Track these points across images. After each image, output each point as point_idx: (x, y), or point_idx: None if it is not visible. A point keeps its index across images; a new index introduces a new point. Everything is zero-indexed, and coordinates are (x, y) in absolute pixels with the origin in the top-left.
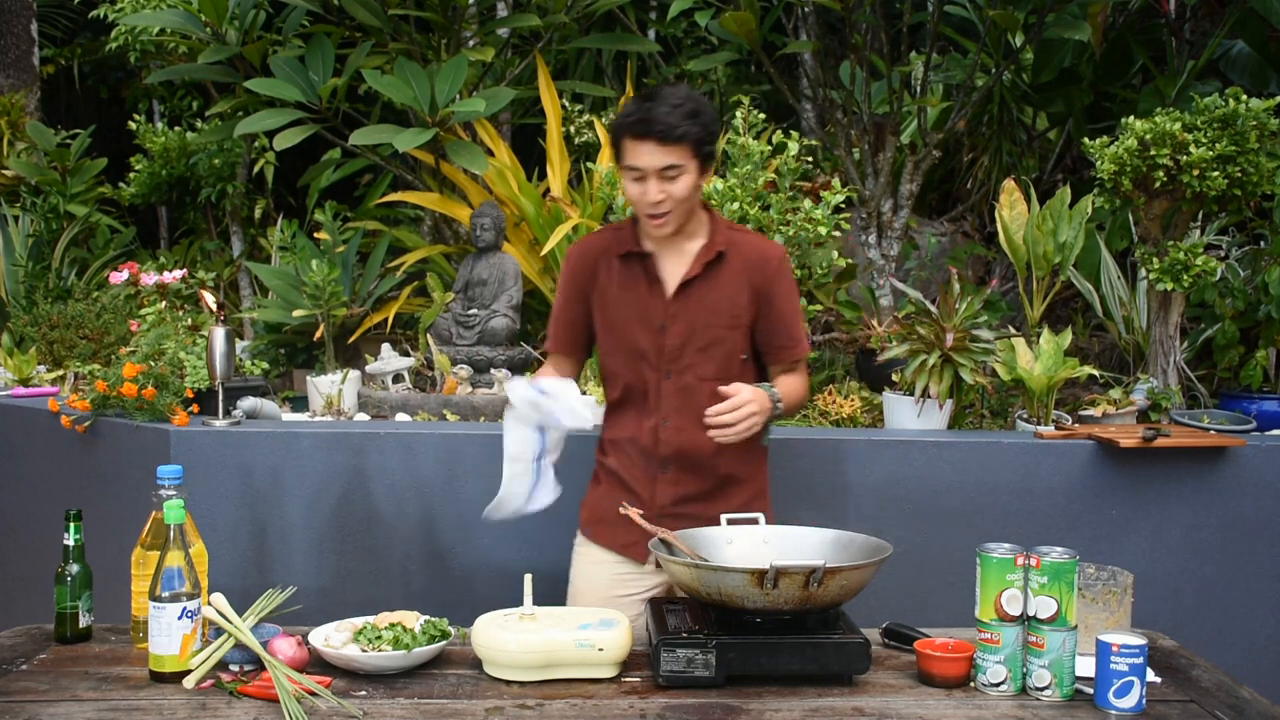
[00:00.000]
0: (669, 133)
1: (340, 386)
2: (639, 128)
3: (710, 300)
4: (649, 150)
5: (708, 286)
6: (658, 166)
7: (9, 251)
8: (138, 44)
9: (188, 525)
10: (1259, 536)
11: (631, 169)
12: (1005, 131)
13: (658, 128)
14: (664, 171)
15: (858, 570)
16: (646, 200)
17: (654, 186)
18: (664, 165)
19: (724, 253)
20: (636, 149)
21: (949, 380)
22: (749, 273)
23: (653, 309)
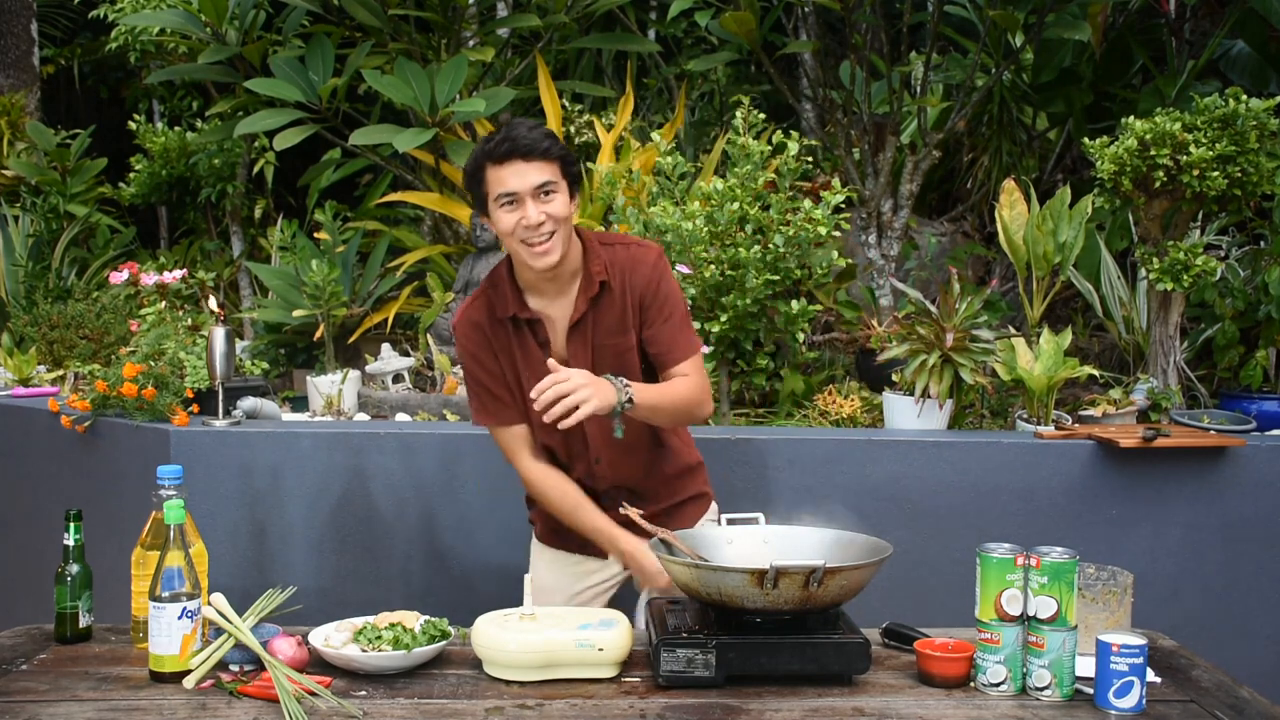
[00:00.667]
0: (534, 147)
1: (340, 386)
2: (503, 147)
3: (601, 327)
4: (518, 170)
5: (597, 316)
6: (532, 185)
7: (9, 251)
8: (138, 44)
9: (188, 525)
10: (1259, 536)
11: (504, 196)
12: (1005, 131)
13: (523, 144)
14: (539, 190)
15: (858, 570)
16: (526, 224)
17: (532, 207)
18: (538, 183)
19: (605, 282)
20: (504, 173)
21: (949, 380)
22: (630, 287)
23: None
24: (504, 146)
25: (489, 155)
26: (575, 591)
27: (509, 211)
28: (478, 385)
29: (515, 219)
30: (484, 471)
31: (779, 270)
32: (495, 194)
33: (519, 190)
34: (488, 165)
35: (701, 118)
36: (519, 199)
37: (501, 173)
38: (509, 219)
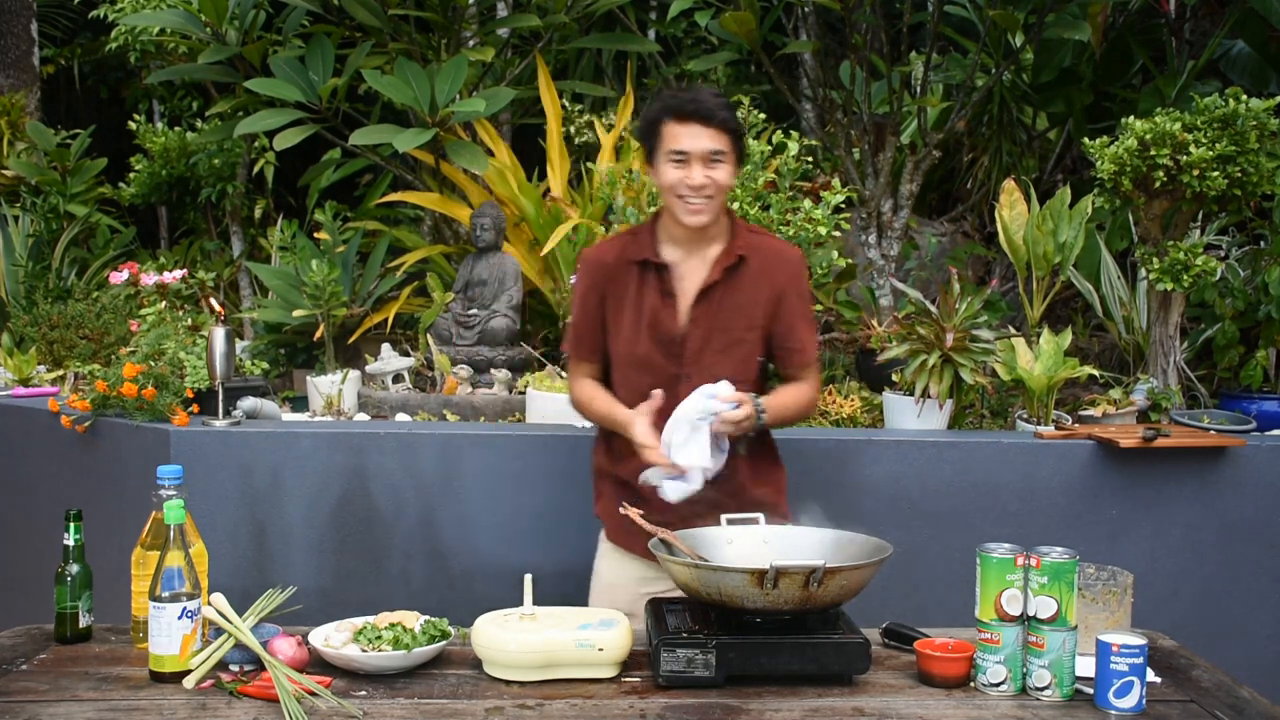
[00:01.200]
0: (714, 114)
1: (340, 386)
2: (689, 107)
3: (730, 303)
4: (695, 133)
5: (728, 290)
6: (705, 150)
7: (9, 251)
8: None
9: (188, 525)
10: (1259, 536)
11: (676, 153)
12: (1005, 131)
13: (705, 108)
14: (709, 155)
15: (858, 570)
16: (691, 183)
17: (699, 170)
18: (712, 150)
19: (744, 257)
20: (681, 131)
21: (949, 380)
22: (768, 276)
23: (670, 316)
24: (690, 106)
25: (672, 110)
26: (641, 594)
27: (676, 168)
28: (576, 315)
29: (680, 176)
30: (484, 471)
31: None
32: (669, 148)
33: (691, 151)
34: (667, 119)
35: None
36: (689, 159)
37: (679, 130)
38: (674, 174)
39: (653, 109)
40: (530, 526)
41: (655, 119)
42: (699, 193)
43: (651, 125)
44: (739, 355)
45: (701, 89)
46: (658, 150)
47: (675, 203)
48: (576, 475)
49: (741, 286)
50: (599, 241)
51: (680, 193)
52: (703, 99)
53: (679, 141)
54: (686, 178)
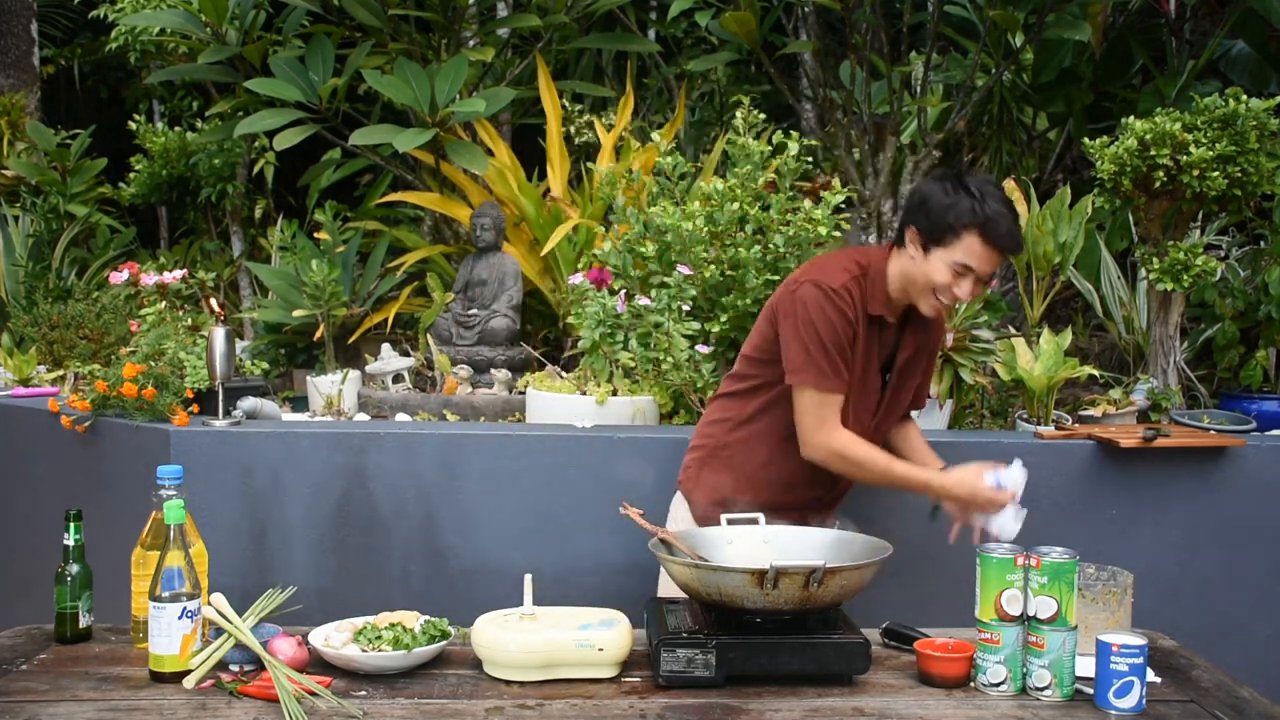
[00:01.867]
0: (1019, 251)
1: (340, 386)
2: (1007, 241)
3: (913, 370)
4: (994, 260)
5: (913, 359)
6: (988, 274)
7: (9, 251)
8: (138, 44)
9: (188, 525)
10: (1259, 536)
11: (964, 266)
12: (1005, 131)
13: (1014, 244)
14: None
15: (858, 570)
16: (958, 294)
17: (969, 287)
18: (991, 274)
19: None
20: (983, 252)
21: (949, 380)
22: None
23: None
24: (1006, 241)
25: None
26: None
27: (955, 276)
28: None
29: (951, 284)
30: (484, 471)
31: (779, 270)
32: (960, 260)
33: (978, 272)
34: (977, 234)
35: (701, 118)
36: (970, 275)
37: (981, 251)
38: (948, 280)
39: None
40: (530, 526)
41: (964, 226)
42: (958, 302)
43: (953, 227)
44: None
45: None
46: (943, 248)
47: (926, 298)
48: (577, 475)
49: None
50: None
51: (940, 296)
52: (1016, 233)
53: (974, 260)
54: (957, 288)
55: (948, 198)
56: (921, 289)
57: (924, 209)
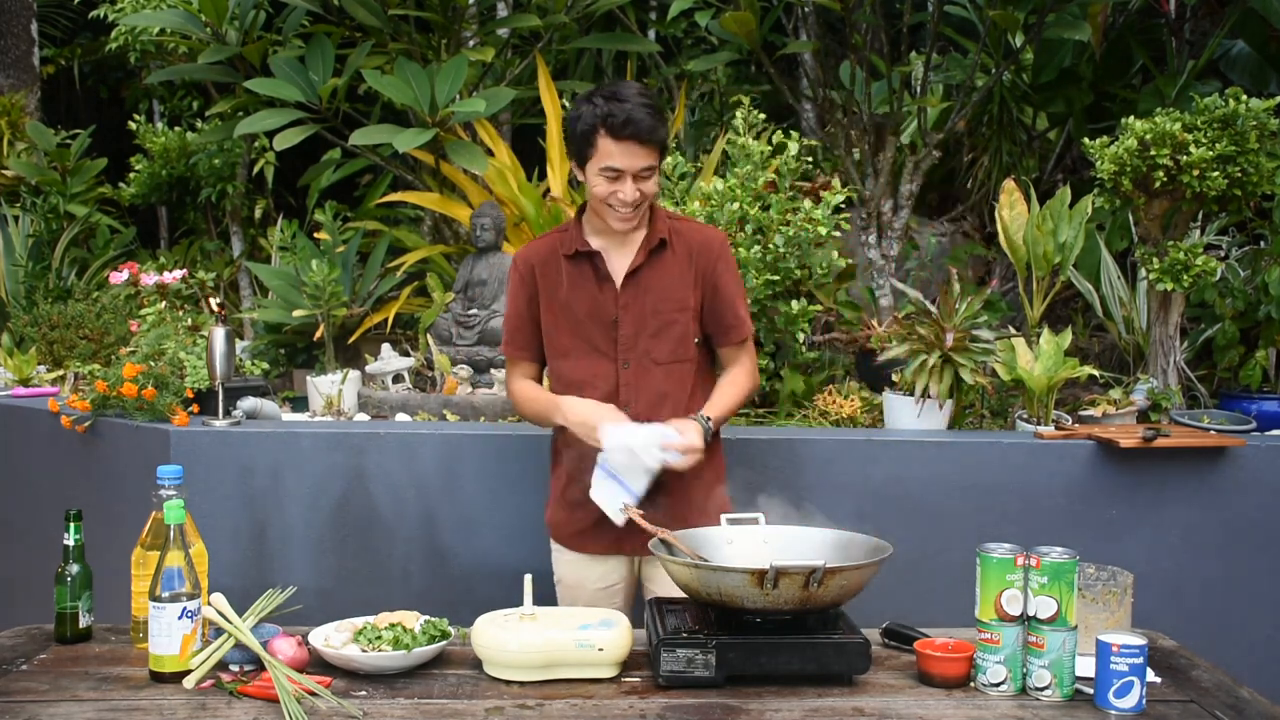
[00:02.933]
0: (652, 134)
1: (340, 386)
2: (626, 129)
3: (658, 286)
4: (629, 151)
5: (654, 273)
6: (638, 167)
7: (9, 251)
8: (138, 44)
9: (188, 525)
10: (1259, 536)
11: (610, 169)
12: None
13: (644, 128)
14: (642, 170)
15: (857, 570)
16: (623, 199)
17: (630, 186)
18: (644, 166)
19: (666, 240)
20: (616, 149)
21: (949, 380)
22: (693, 258)
23: (604, 303)
24: (627, 129)
25: (608, 128)
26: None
27: (608, 181)
28: (511, 316)
29: (611, 189)
30: (484, 471)
31: (779, 270)
32: (602, 164)
33: (625, 169)
34: (602, 133)
35: (701, 118)
36: (622, 174)
37: (614, 147)
38: (606, 188)
39: (585, 118)
40: (530, 526)
41: (588, 131)
42: (631, 206)
43: (584, 137)
44: (673, 336)
45: (635, 101)
46: (589, 160)
47: (606, 210)
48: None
49: (666, 269)
50: (530, 242)
51: (612, 204)
52: (639, 119)
53: (613, 159)
54: (619, 192)
55: (575, 113)
56: (598, 208)
57: (567, 135)
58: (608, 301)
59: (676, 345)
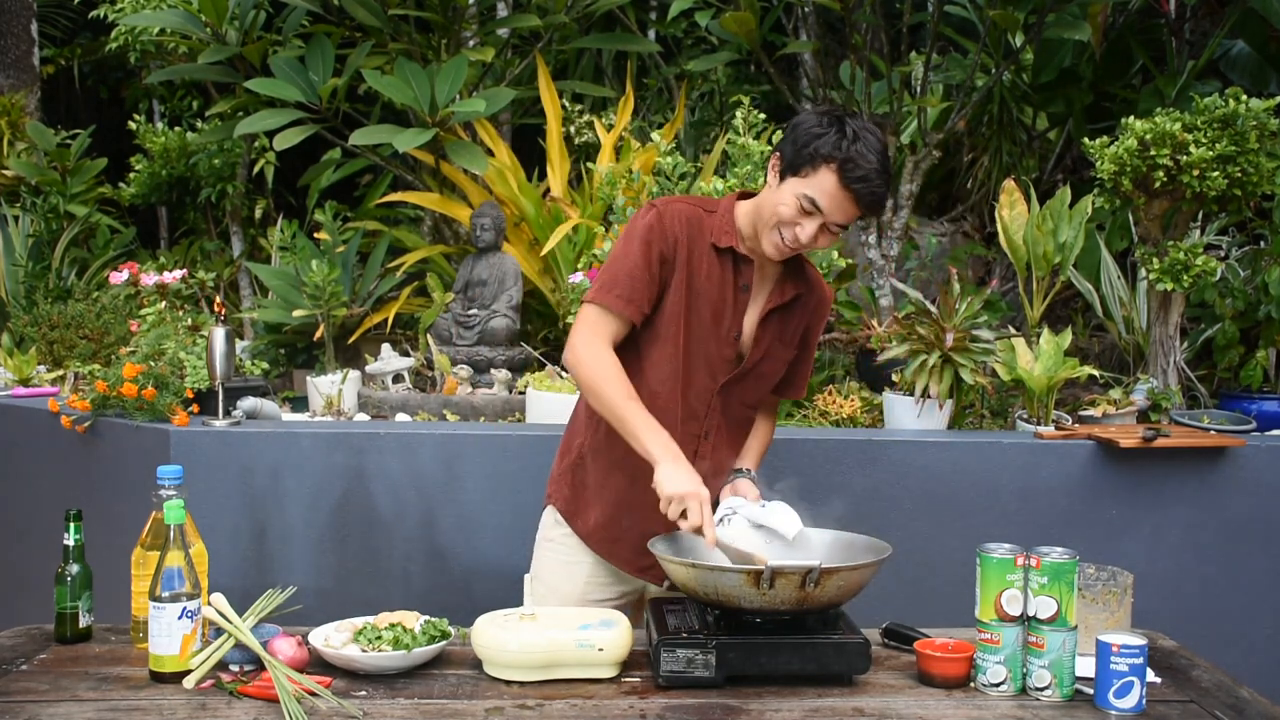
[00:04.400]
0: (871, 208)
1: (340, 386)
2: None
3: (785, 331)
4: (843, 206)
5: (784, 316)
6: (837, 221)
7: (9, 251)
8: (138, 44)
9: (188, 525)
10: (1259, 536)
11: (812, 202)
12: (1005, 131)
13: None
14: (835, 225)
15: (855, 571)
16: (800, 236)
17: (815, 231)
18: (841, 223)
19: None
20: (834, 193)
21: (949, 380)
22: (811, 310)
23: (731, 317)
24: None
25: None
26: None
27: (800, 211)
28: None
29: (797, 220)
30: (484, 471)
31: None
32: (810, 194)
33: (826, 214)
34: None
35: (701, 118)
36: (817, 215)
37: (834, 190)
38: (794, 214)
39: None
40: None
41: (821, 157)
42: (799, 245)
43: (812, 157)
44: (769, 384)
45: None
46: (798, 176)
47: (770, 236)
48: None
49: (794, 316)
50: (673, 197)
51: (783, 233)
52: (875, 185)
53: (824, 198)
54: (802, 226)
55: (818, 128)
56: (767, 221)
57: (792, 135)
58: (735, 316)
59: (765, 391)
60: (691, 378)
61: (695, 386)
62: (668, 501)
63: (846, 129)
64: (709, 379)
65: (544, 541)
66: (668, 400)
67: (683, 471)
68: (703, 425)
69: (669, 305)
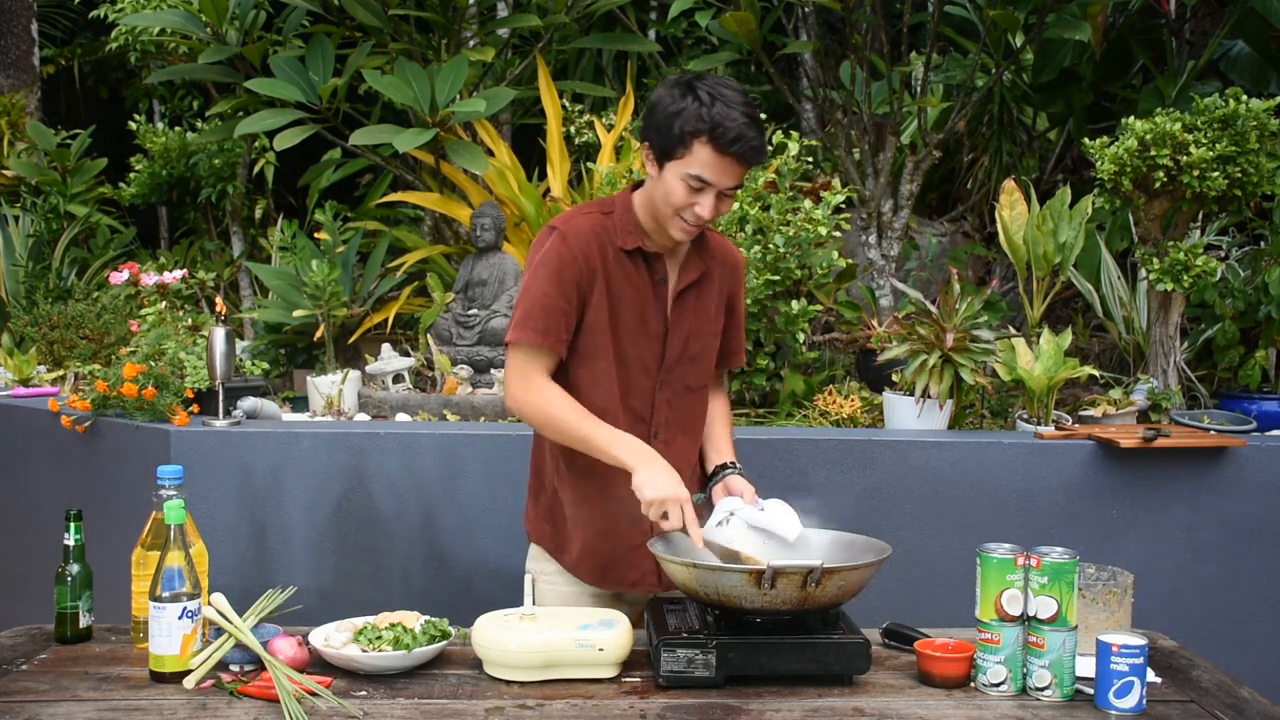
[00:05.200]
0: (756, 155)
1: (340, 386)
2: (733, 146)
3: (701, 307)
4: (728, 168)
5: (699, 293)
6: (729, 185)
7: (9, 251)
8: (138, 44)
9: (188, 525)
10: (1259, 536)
11: (697, 179)
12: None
13: (750, 148)
14: (730, 189)
15: (856, 571)
16: (700, 214)
17: (712, 202)
18: (735, 185)
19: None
20: (714, 162)
21: (949, 380)
22: (725, 278)
23: (654, 314)
24: (735, 146)
25: (714, 138)
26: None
27: (690, 191)
28: (543, 297)
29: (691, 201)
30: (484, 471)
31: (779, 270)
32: (691, 171)
33: (716, 184)
34: (704, 141)
35: None
36: (709, 188)
37: (713, 159)
38: (685, 197)
39: (687, 118)
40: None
41: (688, 133)
42: (703, 221)
43: (679, 137)
44: (705, 363)
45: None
46: (674, 159)
47: (673, 220)
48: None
49: (708, 289)
50: (569, 212)
51: (685, 215)
52: (748, 135)
53: (707, 171)
54: (698, 205)
55: (675, 105)
56: (664, 211)
57: (652, 120)
58: (659, 313)
59: (705, 370)
60: (629, 383)
61: (634, 390)
62: (648, 506)
63: (700, 94)
64: (645, 378)
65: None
66: (610, 412)
67: (659, 474)
68: (650, 425)
69: (593, 321)
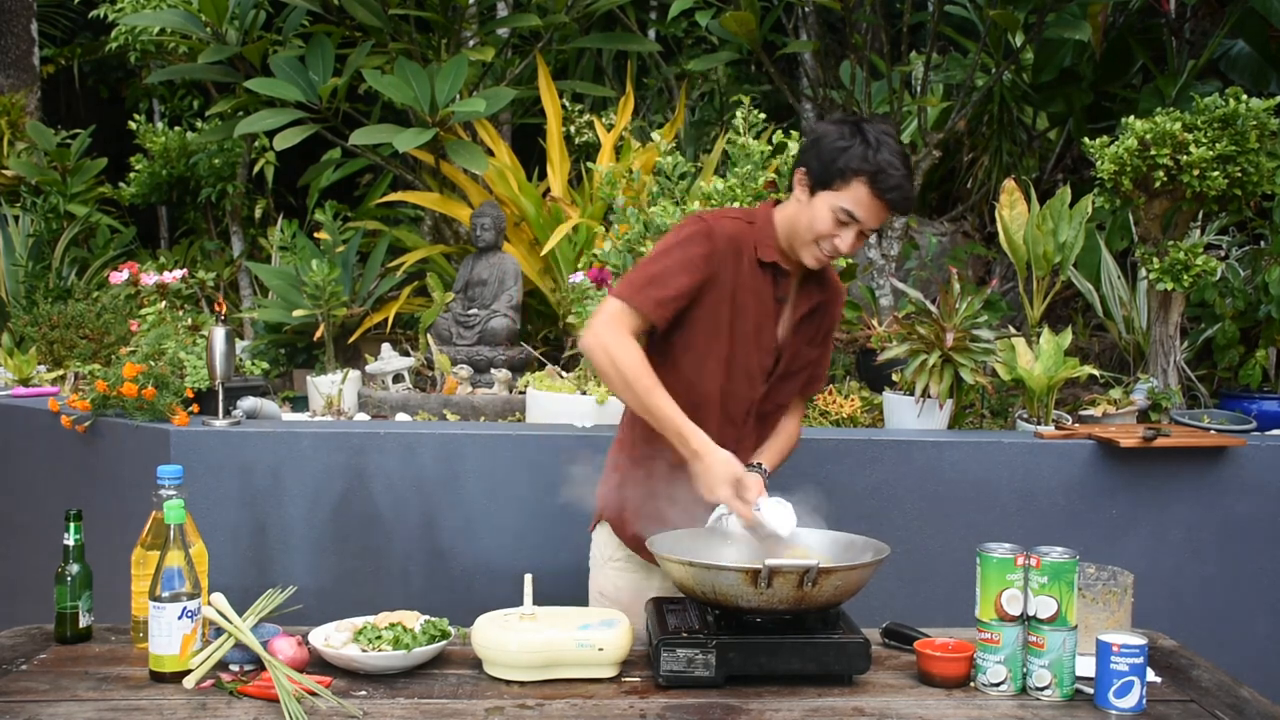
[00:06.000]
0: (905, 208)
1: (340, 386)
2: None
3: (810, 333)
4: (878, 213)
5: (811, 319)
6: (872, 227)
7: (9, 251)
8: (138, 44)
9: (188, 525)
10: (1259, 536)
11: (848, 215)
12: (1005, 131)
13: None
14: (869, 230)
15: (853, 570)
16: (839, 247)
17: (852, 239)
18: (875, 228)
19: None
20: (868, 203)
21: (949, 380)
22: (831, 312)
23: (769, 329)
24: (891, 195)
25: (875, 183)
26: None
27: (837, 223)
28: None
29: (835, 232)
30: (484, 471)
31: None
32: (844, 206)
33: (862, 223)
34: (864, 182)
35: (702, 118)
36: (853, 225)
37: (868, 200)
38: (830, 227)
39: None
40: (530, 526)
41: (851, 170)
42: (839, 253)
43: (842, 171)
44: (798, 384)
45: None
46: (830, 191)
47: (809, 248)
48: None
49: (820, 317)
50: (717, 212)
51: (822, 246)
52: (906, 190)
53: (859, 209)
54: (840, 238)
55: (842, 141)
56: (804, 236)
57: (816, 150)
58: (772, 327)
59: (793, 391)
60: (734, 387)
61: (735, 395)
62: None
63: (869, 137)
64: (749, 388)
65: (607, 563)
66: (707, 409)
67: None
68: (739, 430)
69: (711, 319)
